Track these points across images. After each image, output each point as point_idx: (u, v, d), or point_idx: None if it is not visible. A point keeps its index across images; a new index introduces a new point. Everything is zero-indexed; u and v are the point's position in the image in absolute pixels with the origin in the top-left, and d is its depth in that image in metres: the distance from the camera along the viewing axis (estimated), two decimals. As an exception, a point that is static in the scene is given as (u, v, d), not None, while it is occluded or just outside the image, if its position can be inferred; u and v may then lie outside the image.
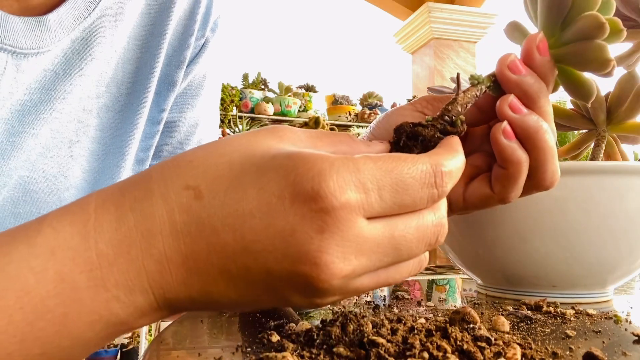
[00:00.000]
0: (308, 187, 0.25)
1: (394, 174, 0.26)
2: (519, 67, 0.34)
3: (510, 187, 0.35)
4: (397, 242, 0.27)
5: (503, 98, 0.34)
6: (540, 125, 0.34)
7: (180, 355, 0.34)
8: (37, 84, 0.44)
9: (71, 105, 0.47)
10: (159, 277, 0.26)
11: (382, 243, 0.26)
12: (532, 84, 0.34)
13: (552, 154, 0.35)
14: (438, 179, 0.28)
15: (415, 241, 0.28)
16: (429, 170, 0.27)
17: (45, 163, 0.46)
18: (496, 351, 0.28)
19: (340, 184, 0.25)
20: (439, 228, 0.29)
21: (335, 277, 0.25)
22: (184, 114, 0.57)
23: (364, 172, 0.26)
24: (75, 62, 0.46)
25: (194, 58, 0.56)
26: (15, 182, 0.45)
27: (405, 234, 0.27)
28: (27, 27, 0.42)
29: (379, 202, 0.26)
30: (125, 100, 0.51)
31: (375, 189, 0.26)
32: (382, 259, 0.27)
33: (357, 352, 0.28)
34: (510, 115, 0.34)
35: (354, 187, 0.25)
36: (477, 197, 0.37)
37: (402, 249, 0.27)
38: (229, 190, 0.26)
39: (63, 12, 0.44)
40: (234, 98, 3.84)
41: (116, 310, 0.26)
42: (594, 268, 0.49)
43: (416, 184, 0.27)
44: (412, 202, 0.27)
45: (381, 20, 4.91)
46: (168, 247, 0.26)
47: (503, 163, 0.35)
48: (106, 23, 0.48)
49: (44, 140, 0.46)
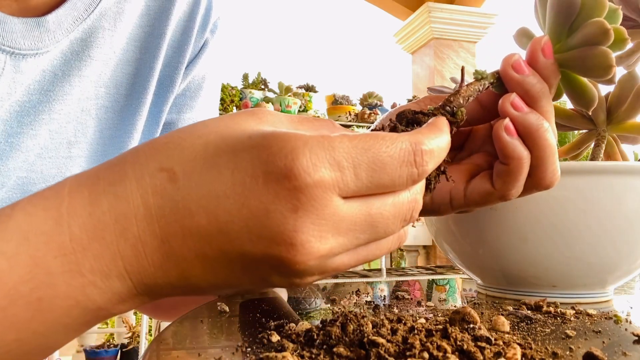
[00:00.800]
0: (281, 165, 0.24)
1: (371, 152, 0.26)
2: (522, 67, 0.35)
3: (511, 183, 0.35)
4: (374, 219, 0.27)
5: (505, 96, 0.35)
6: (541, 124, 0.34)
7: (180, 355, 0.34)
8: (35, 85, 0.44)
9: (70, 106, 0.47)
10: (135, 262, 0.25)
11: (358, 221, 0.26)
12: (535, 84, 0.35)
13: (552, 152, 0.35)
14: (418, 157, 0.27)
15: (392, 218, 0.27)
16: (408, 148, 0.27)
17: (44, 164, 0.46)
18: (496, 351, 0.28)
19: (314, 161, 0.24)
20: (413, 204, 0.28)
21: (312, 257, 0.25)
22: (183, 114, 0.57)
23: (339, 149, 0.25)
24: (74, 63, 0.46)
25: (194, 59, 0.56)
26: (14, 183, 0.45)
27: (382, 211, 0.27)
28: (25, 28, 0.42)
29: (354, 181, 0.25)
30: (124, 101, 0.51)
31: (350, 167, 0.25)
32: (359, 236, 0.26)
33: (357, 352, 0.28)
34: (512, 112, 0.34)
35: (329, 164, 0.25)
36: (478, 194, 0.37)
37: (379, 226, 0.27)
38: (203, 171, 0.26)
39: (62, 13, 0.44)
40: (234, 98, 3.85)
41: (93, 296, 0.25)
42: (594, 268, 0.49)
43: (394, 163, 0.26)
44: (391, 182, 0.26)
45: (381, 20, 4.91)
46: (143, 231, 0.25)
47: (504, 159, 0.35)
48: (105, 24, 0.48)
49: (42, 141, 0.46)
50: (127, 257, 0.25)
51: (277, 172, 0.24)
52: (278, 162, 0.24)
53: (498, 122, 0.35)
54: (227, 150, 0.26)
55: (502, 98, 0.35)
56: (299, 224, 0.24)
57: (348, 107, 4.10)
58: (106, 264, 0.25)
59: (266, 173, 0.25)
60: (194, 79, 0.57)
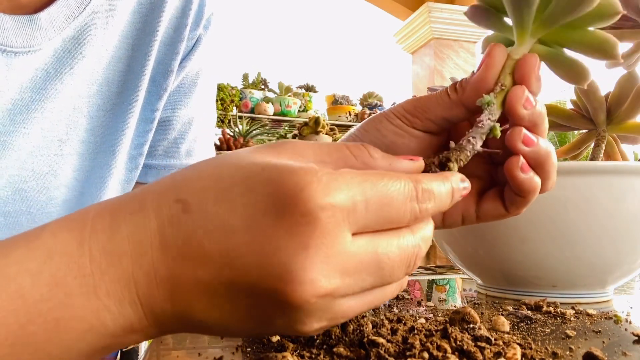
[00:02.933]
0: (293, 201, 0.24)
1: (380, 187, 0.26)
2: (531, 101, 0.34)
3: (525, 207, 0.36)
4: (381, 260, 0.26)
5: (514, 132, 0.34)
6: (550, 151, 0.35)
7: (180, 355, 0.34)
8: (28, 83, 0.44)
9: (62, 104, 0.47)
10: (146, 290, 0.26)
11: (365, 260, 0.26)
12: (540, 113, 0.34)
13: (555, 167, 0.36)
14: (419, 193, 0.27)
15: (398, 260, 0.27)
16: (409, 184, 0.27)
17: (35, 162, 0.46)
18: (496, 351, 0.28)
19: (327, 196, 0.24)
20: (417, 249, 0.28)
21: (317, 295, 0.24)
22: (177, 111, 0.57)
23: (352, 184, 0.25)
24: (66, 61, 0.46)
25: (187, 55, 0.56)
26: (5, 181, 0.45)
27: (388, 252, 0.26)
28: (17, 25, 0.42)
29: (364, 215, 0.25)
30: (116, 99, 0.51)
31: (362, 200, 0.25)
32: (365, 278, 0.26)
33: (357, 352, 0.28)
34: (525, 149, 0.34)
35: (340, 199, 0.25)
36: (492, 216, 0.37)
37: (385, 268, 0.26)
38: (216, 203, 0.26)
39: (54, 11, 0.44)
40: (234, 98, 3.85)
41: (106, 320, 0.25)
42: (594, 268, 0.49)
43: (400, 197, 0.26)
44: (397, 216, 0.27)
45: (381, 20, 4.91)
46: (157, 260, 0.26)
47: (521, 193, 0.35)
48: (97, 22, 0.48)
49: (34, 139, 0.45)
50: (140, 284, 0.26)
51: (289, 207, 0.24)
52: (290, 198, 0.24)
53: (511, 161, 0.34)
54: (240, 183, 0.26)
55: (511, 134, 0.34)
56: (308, 262, 0.24)
57: (348, 107, 4.10)
58: (121, 289, 0.25)
59: (278, 208, 0.25)
60: (187, 75, 0.57)
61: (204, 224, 0.25)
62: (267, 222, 0.25)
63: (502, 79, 0.34)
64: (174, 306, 0.26)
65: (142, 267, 0.26)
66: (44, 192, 0.48)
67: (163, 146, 0.58)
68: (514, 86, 0.34)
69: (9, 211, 0.46)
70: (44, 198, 0.48)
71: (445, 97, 0.36)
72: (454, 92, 0.36)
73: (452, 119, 0.36)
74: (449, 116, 0.36)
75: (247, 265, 0.25)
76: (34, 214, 0.48)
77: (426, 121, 0.37)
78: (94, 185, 0.51)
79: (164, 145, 0.58)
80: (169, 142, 0.58)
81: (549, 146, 0.35)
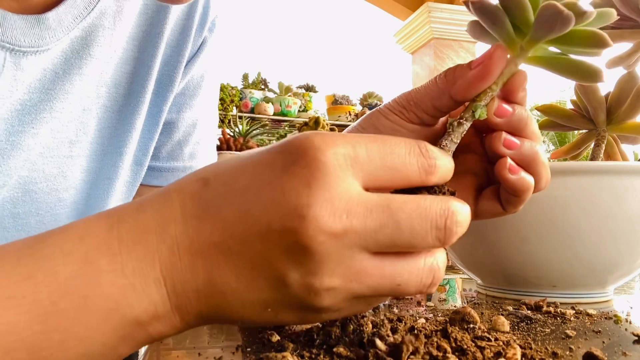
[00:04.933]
0: (295, 149, 0.26)
1: (380, 139, 0.27)
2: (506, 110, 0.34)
3: (521, 205, 0.37)
4: (394, 212, 0.26)
5: (494, 137, 0.35)
6: (536, 151, 0.35)
7: (180, 355, 0.34)
8: (36, 83, 0.44)
9: (71, 105, 0.47)
10: (170, 265, 0.26)
11: (375, 210, 0.26)
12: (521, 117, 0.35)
13: (546, 167, 0.36)
14: (423, 149, 0.28)
15: (417, 217, 0.26)
16: (411, 142, 0.28)
17: (45, 163, 0.46)
18: (496, 351, 0.28)
19: (327, 141, 0.26)
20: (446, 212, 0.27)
21: (324, 233, 0.25)
22: (182, 114, 0.57)
23: (350, 136, 0.27)
24: (74, 61, 0.46)
25: (192, 58, 0.56)
26: (15, 182, 0.45)
27: (402, 206, 0.26)
28: (26, 24, 0.42)
29: (367, 161, 0.26)
30: (124, 100, 0.51)
31: (362, 146, 0.27)
32: (378, 228, 0.26)
33: (357, 352, 0.28)
34: (508, 152, 0.35)
35: (341, 143, 0.26)
36: (490, 214, 0.38)
37: (401, 221, 0.26)
38: (231, 173, 0.28)
39: (62, 11, 0.44)
40: (234, 98, 3.85)
41: (131, 300, 0.26)
42: (594, 268, 0.49)
43: (402, 150, 0.28)
44: (403, 165, 0.27)
45: (381, 20, 4.91)
46: (179, 233, 0.27)
47: (514, 193, 0.35)
48: (105, 23, 0.48)
49: (43, 140, 0.46)
50: (163, 260, 0.27)
51: (292, 155, 0.26)
52: (293, 148, 0.26)
53: (499, 164, 0.35)
54: (254, 155, 0.28)
55: (491, 138, 0.35)
56: (312, 198, 0.25)
57: (348, 107, 4.09)
58: (146, 266, 0.26)
59: (283, 159, 0.26)
60: (192, 78, 0.57)
61: (222, 192, 0.27)
62: (274, 173, 0.26)
63: (493, 86, 0.34)
64: (194, 278, 0.27)
65: (166, 241, 0.27)
66: (53, 194, 0.48)
67: (167, 148, 0.58)
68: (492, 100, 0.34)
69: (19, 212, 0.46)
70: (54, 200, 0.48)
71: (434, 86, 0.36)
72: (443, 80, 0.36)
73: (443, 108, 0.36)
74: (439, 105, 0.36)
75: (258, 215, 0.26)
76: (43, 216, 0.48)
77: (420, 112, 0.37)
78: (101, 186, 0.51)
79: (168, 148, 0.58)
80: (173, 145, 0.58)
81: (534, 147, 0.35)
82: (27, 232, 0.47)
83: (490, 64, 0.34)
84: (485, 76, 0.34)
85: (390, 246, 0.26)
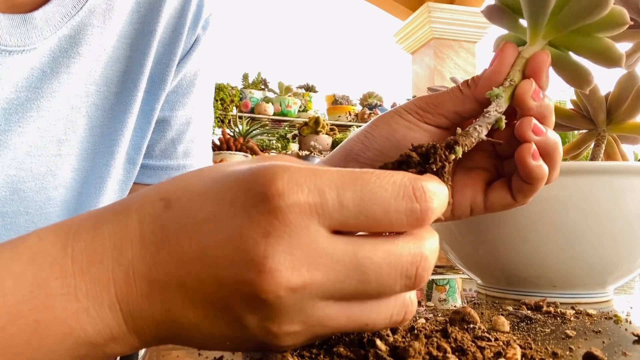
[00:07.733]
0: (258, 190, 0.24)
1: (360, 181, 0.24)
2: (539, 94, 0.36)
3: (532, 196, 0.37)
4: (362, 263, 0.24)
5: (524, 122, 0.35)
6: (557, 141, 0.36)
7: (180, 355, 0.34)
8: (23, 82, 0.44)
9: (59, 104, 0.46)
10: (125, 290, 0.25)
11: (341, 260, 0.24)
12: (548, 105, 0.36)
13: (561, 160, 0.37)
14: (418, 192, 0.24)
15: (386, 267, 0.24)
16: (404, 182, 0.24)
17: (33, 162, 0.46)
18: (496, 351, 0.28)
19: (291, 185, 0.23)
20: (417, 258, 0.25)
21: (282, 287, 0.23)
22: (175, 112, 0.57)
23: (322, 177, 0.24)
24: (63, 60, 0.46)
25: (185, 56, 0.56)
26: (3, 181, 0.45)
27: (372, 255, 0.24)
28: (11, 24, 0.42)
29: (338, 210, 0.24)
30: (115, 99, 0.51)
31: (333, 192, 0.24)
32: (343, 280, 0.24)
33: (357, 352, 0.28)
34: (535, 138, 0.35)
35: (307, 189, 0.23)
36: (500, 205, 0.38)
37: (368, 272, 0.24)
38: (194, 199, 0.25)
39: (50, 10, 0.44)
40: (234, 98, 3.85)
41: (86, 324, 0.25)
42: (594, 268, 0.49)
43: (386, 194, 0.24)
44: (384, 214, 0.24)
45: (381, 20, 4.91)
46: (135, 256, 0.25)
47: (530, 180, 0.36)
48: (95, 21, 0.48)
49: (31, 138, 0.45)
50: (118, 284, 0.25)
51: (253, 196, 0.24)
52: (256, 188, 0.24)
53: (523, 148, 0.35)
54: (218, 180, 0.26)
55: (521, 123, 0.36)
56: (270, 250, 0.23)
57: (348, 107, 4.10)
58: (100, 289, 0.25)
59: (244, 198, 0.24)
60: (185, 76, 0.57)
61: (181, 218, 0.25)
62: (233, 212, 0.24)
63: (511, 75, 0.36)
64: (151, 306, 0.25)
65: (122, 265, 0.25)
66: (42, 193, 0.48)
67: (160, 146, 0.58)
68: (523, 80, 0.36)
69: (7, 212, 0.46)
70: (43, 198, 0.48)
71: (457, 93, 0.38)
72: (467, 87, 0.38)
73: (464, 113, 0.38)
74: (461, 110, 0.38)
75: (215, 255, 0.24)
76: (33, 215, 0.48)
77: (438, 116, 0.38)
78: (92, 185, 0.51)
79: (162, 146, 0.58)
80: (167, 143, 0.58)
81: (556, 137, 0.36)
82: (16, 231, 0.47)
83: (500, 55, 0.36)
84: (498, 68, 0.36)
85: (355, 295, 0.25)
